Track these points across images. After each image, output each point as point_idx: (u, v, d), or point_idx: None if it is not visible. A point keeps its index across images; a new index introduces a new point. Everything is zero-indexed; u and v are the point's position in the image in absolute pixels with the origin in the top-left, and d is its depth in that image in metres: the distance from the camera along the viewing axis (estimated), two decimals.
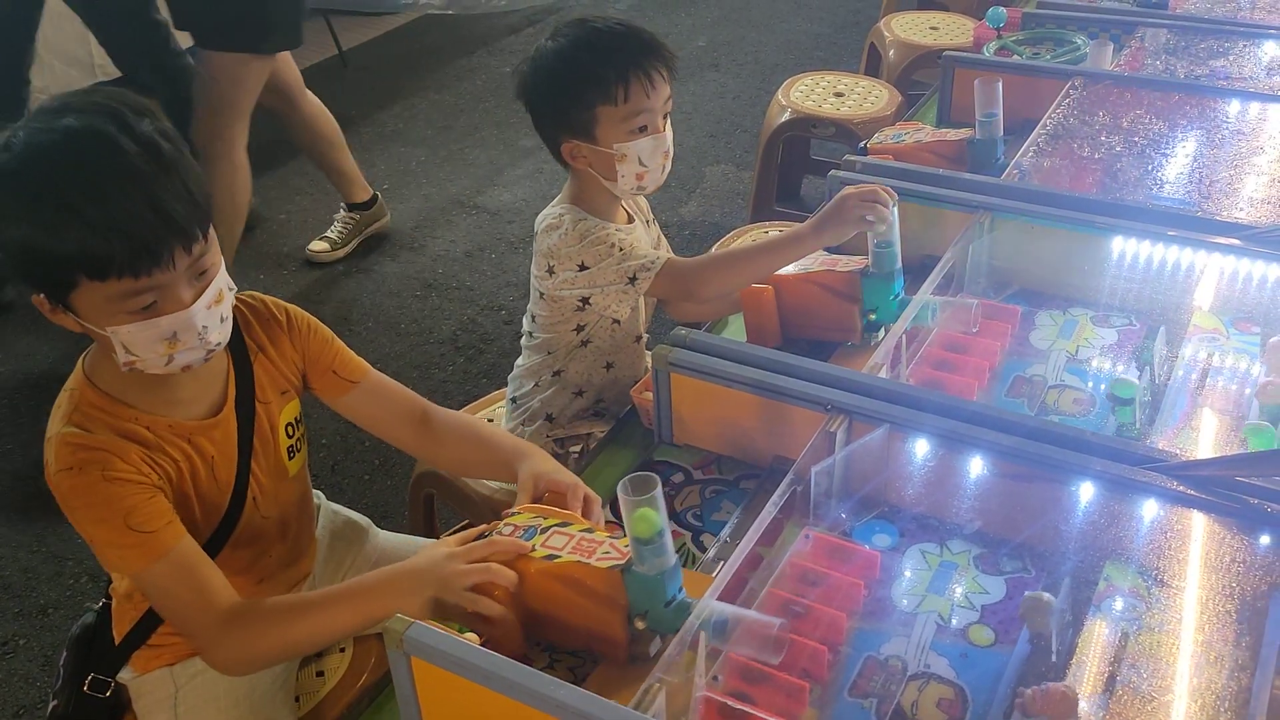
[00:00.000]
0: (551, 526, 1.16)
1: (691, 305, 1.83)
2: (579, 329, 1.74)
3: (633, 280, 1.65)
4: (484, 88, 4.47)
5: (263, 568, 1.36)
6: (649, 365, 1.85)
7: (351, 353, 1.40)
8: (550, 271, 1.69)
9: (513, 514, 1.20)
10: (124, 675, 1.33)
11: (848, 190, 1.55)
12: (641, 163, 1.63)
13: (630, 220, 1.78)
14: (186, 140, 1.16)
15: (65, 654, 1.36)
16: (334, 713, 1.44)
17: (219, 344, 1.18)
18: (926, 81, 3.37)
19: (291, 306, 1.36)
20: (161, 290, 1.10)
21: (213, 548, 1.25)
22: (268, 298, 1.35)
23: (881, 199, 1.52)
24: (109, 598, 1.35)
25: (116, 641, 1.32)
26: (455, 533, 1.28)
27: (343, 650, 1.49)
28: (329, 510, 1.55)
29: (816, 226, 1.57)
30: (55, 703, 1.33)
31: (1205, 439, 1.35)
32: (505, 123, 4.18)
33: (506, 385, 1.91)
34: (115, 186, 1.05)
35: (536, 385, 1.83)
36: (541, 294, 1.74)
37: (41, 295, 1.12)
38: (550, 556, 1.12)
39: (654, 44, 1.64)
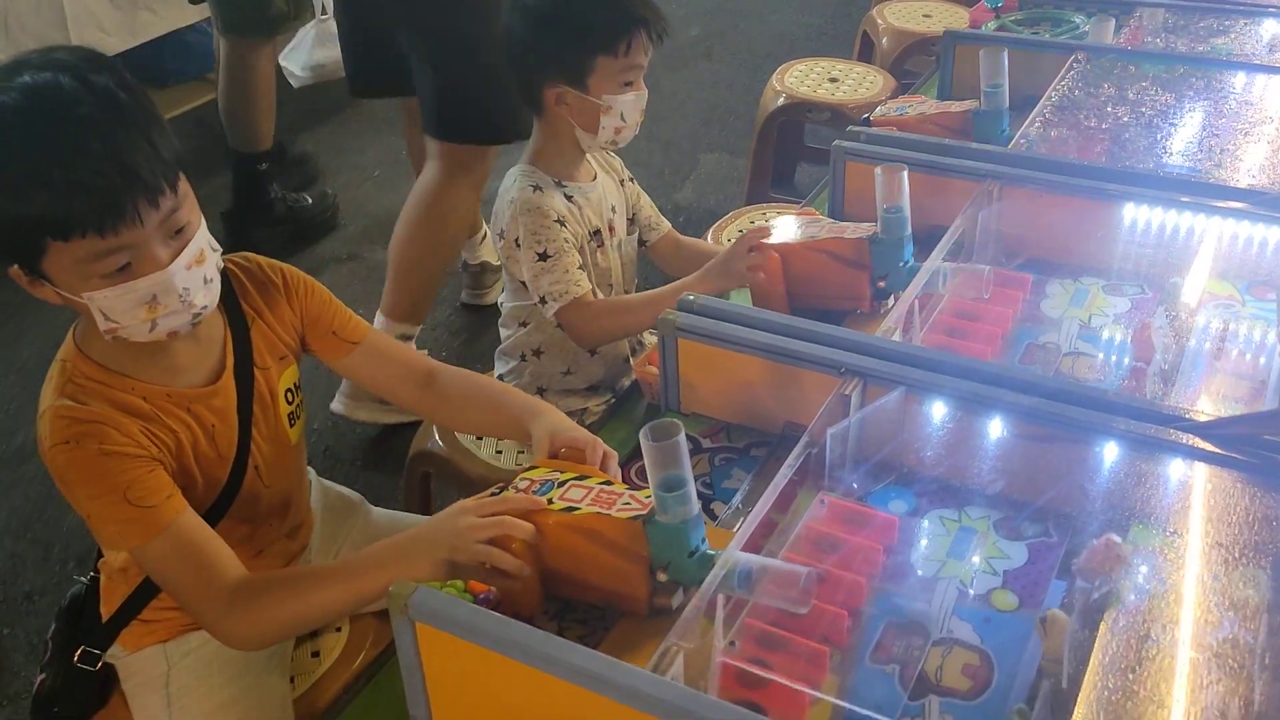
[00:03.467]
0: (569, 480, 1.13)
1: (687, 262, 1.87)
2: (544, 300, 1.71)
3: (542, 300, 1.66)
4: None
5: (261, 539, 1.32)
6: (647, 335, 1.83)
7: (351, 312, 1.36)
8: (501, 235, 1.70)
9: (528, 469, 1.17)
10: (113, 654, 1.29)
11: (738, 244, 1.57)
12: (623, 118, 1.67)
13: (595, 178, 1.76)
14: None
15: (54, 626, 1.32)
16: (330, 693, 1.40)
17: (205, 307, 1.14)
18: (918, 71, 3.37)
19: (287, 266, 1.32)
20: (135, 250, 1.06)
21: (211, 519, 1.21)
22: (261, 258, 1.30)
23: (757, 278, 1.54)
24: (97, 571, 1.31)
25: (105, 617, 1.28)
26: None
27: (339, 630, 1.45)
28: (320, 485, 1.51)
29: (703, 276, 1.61)
30: (43, 676, 1.28)
31: (1227, 403, 1.32)
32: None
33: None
34: (73, 142, 1.01)
35: (523, 359, 1.80)
36: (506, 259, 1.72)
37: (16, 266, 1.08)
38: (569, 509, 1.08)
39: (653, 5, 1.67)
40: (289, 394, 1.30)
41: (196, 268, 1.10)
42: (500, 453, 1.83)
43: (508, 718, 0.95)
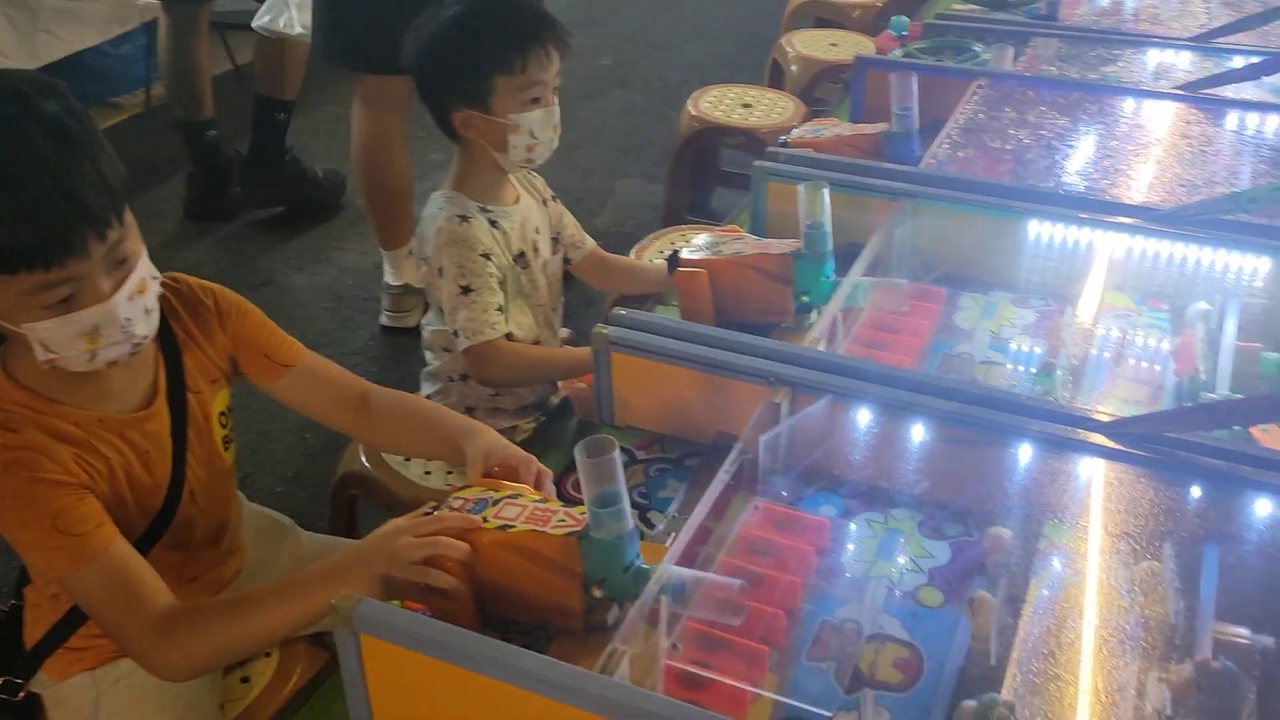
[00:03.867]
0: (503, 498, 1.14)
1: (614, 277, 1.97)
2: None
3: (455, 334, 1.68)
4: None
5: (195, 566, 1.30)
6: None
7: (284, 334, 1.35)
8: (425, 260, 1.71)
9: (462, 489, 1.17)
10: (39, 682, 1.26)
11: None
12: (533, 135, 1.67)
13: (518, 200, 1.78)
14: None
15: None
16: (262, 718, 1.39)
17: (145, 337, 1.12)
18: (826, 98, 3.47)
19: (218, 288, 1.30)
20: (78, 282, 1.04)
21: (145, 545, 1.19)
22: (192, 279, 1.29)
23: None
24: (19, 598, 1.27)
25: (30, 645, 1.25)
26: None
27: (268, 655, 1.43)
28: (251, 509, 1.49)
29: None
30: None
31: (1127, 406, 1.40)
32: (412, 136, 4.12)
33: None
34: (21, 172, 0.99)
35: (450, 381, 1.81)
36: (426, 283, 1.74)
37: None
38: (504, 527, 1.09)
39: (549, 18, 1.67)
40: (222, 417, 1.29)
41: (138, 298, 1.09)
42: (429, 473, 1.82)
43: None
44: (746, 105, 3.25)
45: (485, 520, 1.11)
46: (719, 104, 3.25)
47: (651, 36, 5.21)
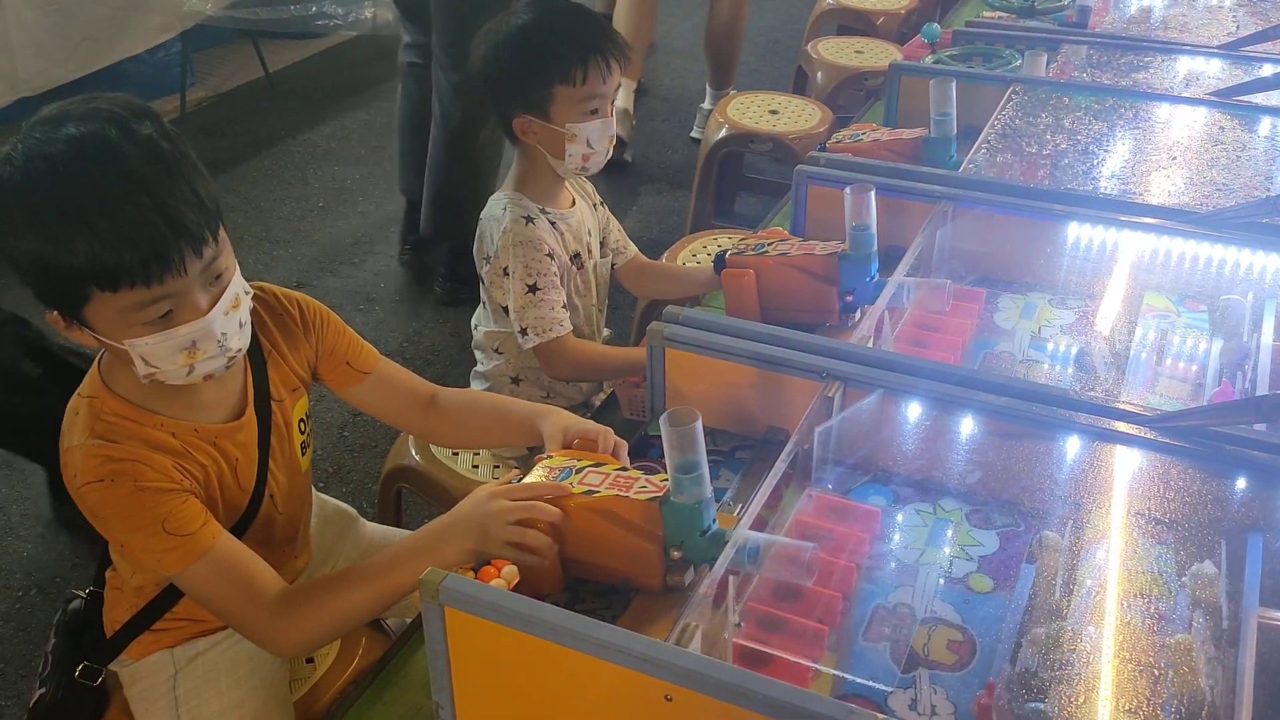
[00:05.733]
0: (586, 467, 1.19)
1: (655, 283, 1.97)
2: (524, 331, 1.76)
3: (523, 332, 1.71)
4: None
5: (272, 563, 1.34)
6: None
7: (363, 341, 1.38)
8: (488, 260, 1.74)
9: (545, 458, 1.22)
10: (117, 661, 1.30)
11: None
12: (589, 144, 1.71)
13: (573, 204, 1.83)
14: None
15: (53, 640, 1.32)
16: (326, 698, 1.44)
17: (240, 350, 1.16)
18: (851, 107, 3.51)
19: (302, 296, 1.34)
20: (176, 298, 1.07)
21: None
22: (278, 289, 1.32)
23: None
24: (97, 585, 1.32)
25: (109, 631, 1.29)
26: None
27: None
28: (318, 498, 1.54)
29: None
30: (42, 690, 1.29)
31: (1169, 404, 1.43)
32: None
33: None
34: (121, 194, 1.02)
35: (502, 382, 1.85)
36: (483, 280, 1.77)
37: (56, 312, 1.10)
38: (588, 492, 1.15)
39: (611, 32, 1.72)
40: (301, 424, 1.33)
41: (233, 312, 1.13)
42: (476, 466, 1.87)
43: (530, 697, 1.00)
44: (774, 111, 3.29)
45: (571, 486, 1.16)
46: (747, 110, 3.29)
47: (674, 44, 5.26)
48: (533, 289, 1.70)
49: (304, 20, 4.54)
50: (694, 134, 4.16)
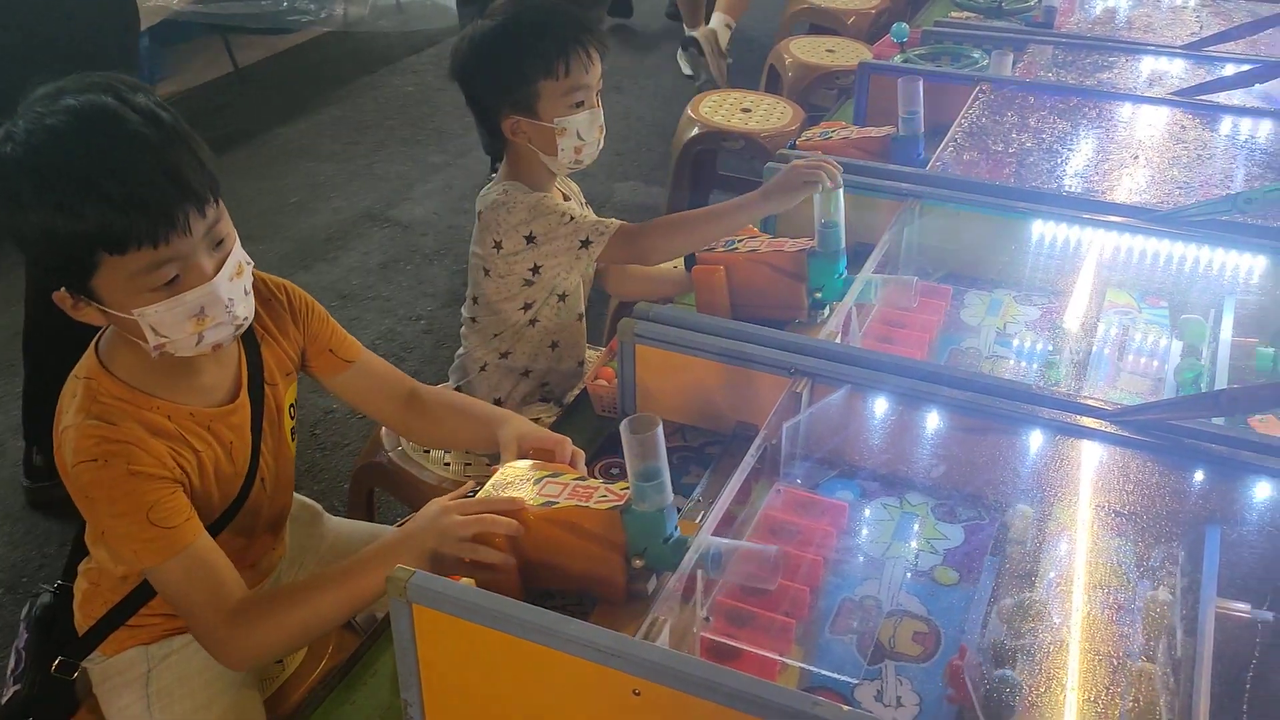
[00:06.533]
0: (544, 477, 1.19)
1: (633, 283, 1.92)
2: (526, 307, 1.77)
3: (586, 244, 1.69)
4: (389, 105, 4.45)
5: (254, 552, 1.35)
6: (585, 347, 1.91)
7: (345, 331, 1.39)
8: (498, 246, 1.72)
9: (501, 471, 1.22)
10: (90, 658, 1.30)
11: (796, 161, 1.64)
12: (580, 136, 1.71)
13: (566, 199, 1.83)
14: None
15: (26, 636, 1.31)
16: (296, 696, 1.44)
17: (246, 319, 1.17)
18: (822, 104, 3.54)
19: (288, 283, 1.34)
20: (183, 261, 1.08)
21: (215, 530, 1.23)
22: (266, 276, 1.33)
23: (828, 168, 1.61)
24: (66, 580, 1.31)
25: (81, 626, 1.29)
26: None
27: None
28: None
29: (764, 194, 1.66)
30: (17, 687, 1.28)
31: (1130, 399, 1.46)
32: (413, 140, 4.18)
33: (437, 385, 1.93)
34: (126, 157, 1.04)
35: (483, 370, 1.85)
36: (487, 271, 1.77)
37: (63, 290, 1.10)
38: (547, 503, 1.14)
39: (588, 23, 1.72)
40: (291, 409, 1.34)
41: (237, 279, 1.13)
42: (448, 465, 1.87)
43: (498, 693, 1.01)
44: (746, 110, 3.31)
45: (529, 499, 1.16)
46: (719, 108, 3.31)
47: (646, 42, 5.28)
48: (569, 218, 1.68)
49: (276, 15, 4.52)
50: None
